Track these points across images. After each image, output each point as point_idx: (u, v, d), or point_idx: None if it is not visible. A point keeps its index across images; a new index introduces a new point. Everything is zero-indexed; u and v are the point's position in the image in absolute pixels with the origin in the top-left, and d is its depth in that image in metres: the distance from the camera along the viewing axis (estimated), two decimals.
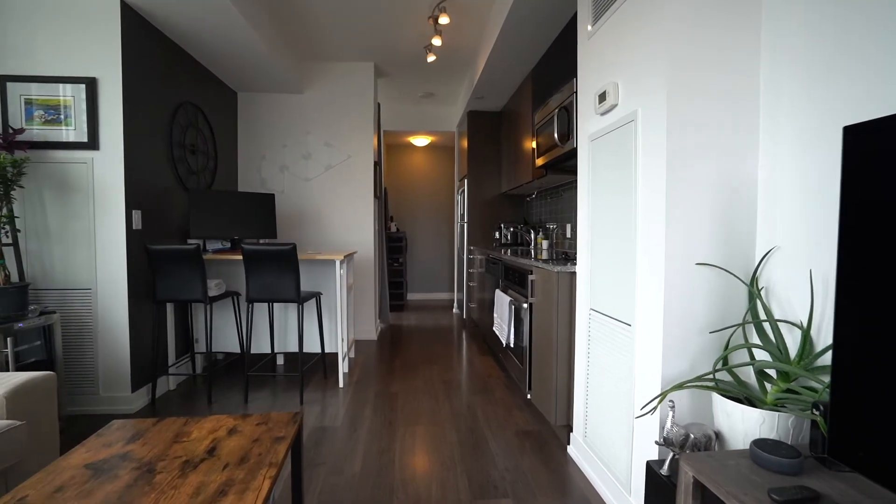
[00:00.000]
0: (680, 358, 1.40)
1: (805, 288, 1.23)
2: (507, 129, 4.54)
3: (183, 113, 3.16)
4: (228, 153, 3.99)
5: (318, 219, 4.30)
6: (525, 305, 2.51)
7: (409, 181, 6.86)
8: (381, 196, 4.89)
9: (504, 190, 4.74)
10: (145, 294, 2.68)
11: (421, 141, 6.31)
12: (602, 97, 1.75)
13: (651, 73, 1.44)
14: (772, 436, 1.10)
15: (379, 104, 4.83)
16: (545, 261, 2.36)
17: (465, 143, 5.12)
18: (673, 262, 1.38)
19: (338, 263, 2.99)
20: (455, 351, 3.98)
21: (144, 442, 1.24)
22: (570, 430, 2.20)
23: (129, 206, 2.54)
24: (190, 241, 3.18)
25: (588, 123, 1.96)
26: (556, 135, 2.65)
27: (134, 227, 2.58)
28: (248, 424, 1.36)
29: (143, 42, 2.67)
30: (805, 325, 1.21)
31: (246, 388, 2.74)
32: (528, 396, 2.56)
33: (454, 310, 5.92)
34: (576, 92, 2.45)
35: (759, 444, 1.02)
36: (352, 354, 3.79)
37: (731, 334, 1.37)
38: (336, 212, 4.30)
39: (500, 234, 4.81)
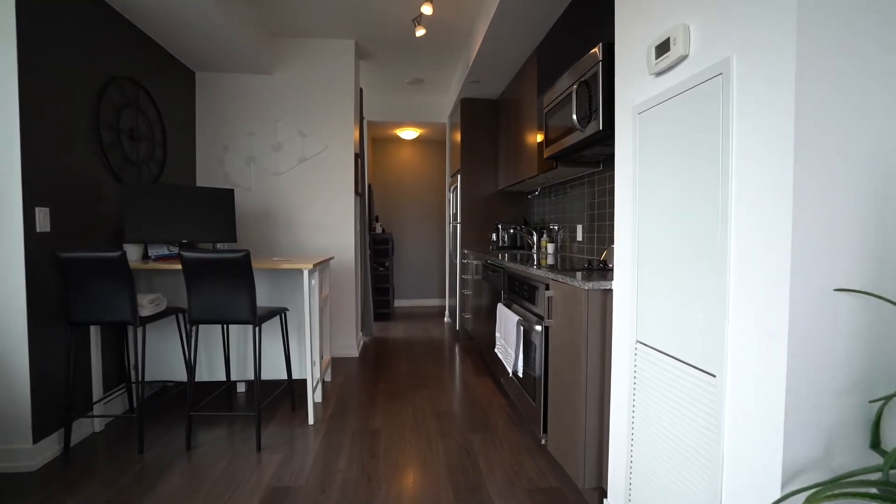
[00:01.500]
0: (809, 434, 0.90)
1: None
2: (506, 118, 4.04)
3: (116, 90, 2.59)
4: (184, 142, 3.42)
5: (291, 219, 3.74)
6: (538, 328, 2.00)
7: (397, 178, 6.32)
8: (364, 193, 4.35)
9: (502, 187, 4.23)
10: (56, 315, 2.11)
11: (409, 134, 5.78)
12: (661, 49, 1.24)
13: None
14: None
15: (361, 90, 4.29)
16: (564, 272, 1.86)
17: (457, 136, 4.60)
18: (800, 285, 0.88)
19: (306, 274, 2.45)
20: (448, 371, 3.46)
21: None
22: (604, 495, 1.69)
23: (31, 202, 1.97)
24: (126, 245, 2.62)
25: (632, 91, 1.45)
26: (574, 116, 2.15)
27: (39, 230, 2.01)
28: None
29: None
30: None
31: (188, 431, 2.19)
32: (543, 442, 2.06)
33: (446, 318, 5.41)
34: (601, 61, 1.96)
35: None
36: (328, 377, 3.24)
37: (888, 401, 0.88)
38: (311, 211, 3.76)
39: (498, 236, 4.30)
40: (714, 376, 1.07)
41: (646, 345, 1.37)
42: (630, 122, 1.47)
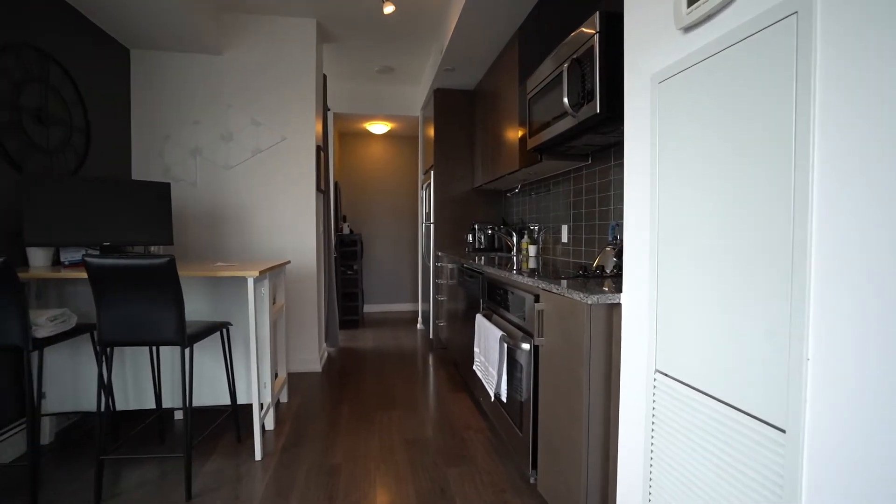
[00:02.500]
0: None
1: None
2: (483, 110, 3.74)
3: (13, 58, 2.13)
4: (115, 129, 2.96)
5: (243, 219, 3.33)
6: (526, 347, 1.69)
7: (366, 175, 5.93)
8: (328, 191, 3.96)
9: (479, 184, 3.93)
10: None
11: (379, 128, 5.41)
12: None
13: None
14: None
15: (325, 77, 3.91)
16: (556, 280, 1.55)
17: (430, 130, 4.27)
18: None
19: (250, 283, 2.06)
20: (420, 386, 3.12)
21: None
22: None
23: None
24: (31, 249, 2.17)
25: (649, 55, 1.16)
26: (565, 100, 1.86)
27: None
28: None
29: None
30: None
31: (98, 478, 1.77)
32: (532, 480, 1.75)
33: (418, 325, 5.06)
34: (599, 32, 1.66)
35: None
36: (284, 398, 2.85)
37: None
38: (267, 210, 3.35)
39: (474, 238, 4.00)
40: (783, 432, 0.78)
41: (670, 377, 1.07)
42: (646, 95, 1.17)
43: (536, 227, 3.40)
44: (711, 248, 0.94)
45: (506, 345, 1.86)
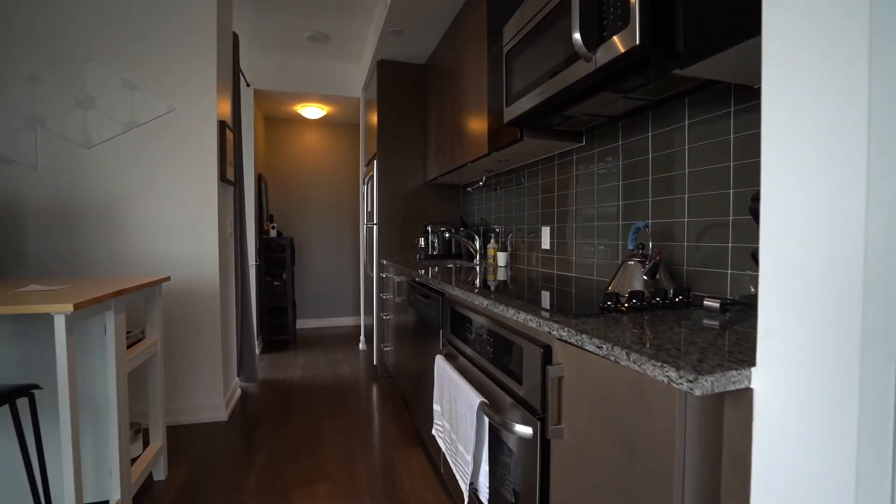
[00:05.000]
0: None
1: None
2: (440, 86, 3.05)
3: None
4: None
5: (112, 217, 2.42)
6: (526, 433, 1.01)
7: (299, 169, 5.06)
8: (241, 183, 3.10)
9: (432, 177, 3.24)
10: None
11: (313, 112, 4.58)
12: None
13: None
14: None
15: (237, 37, 3.05)
16: (587, 317, 0.90)
17: (374, 115, 3.52)
18: None
19: (60, 322, 1.23)
20: (359, 438, 2.37)
21: None
22: None
23: None
24: None
25: None
26: (576, 34, 1.20)
27: None
28: None
29: None
30: None
31: None
32: None
33: (361, 345, 4.28)
34: None
35: None
36: (161, 473, 1.99)
37: None
38: (149, 205, 2.46)
39: (427, 242, 3.30)
40: None
41: None
42: None
43: (502, 230, 2.76)
44: None
45: (488, 420, 1.17)
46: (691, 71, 1.08)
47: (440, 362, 1.55)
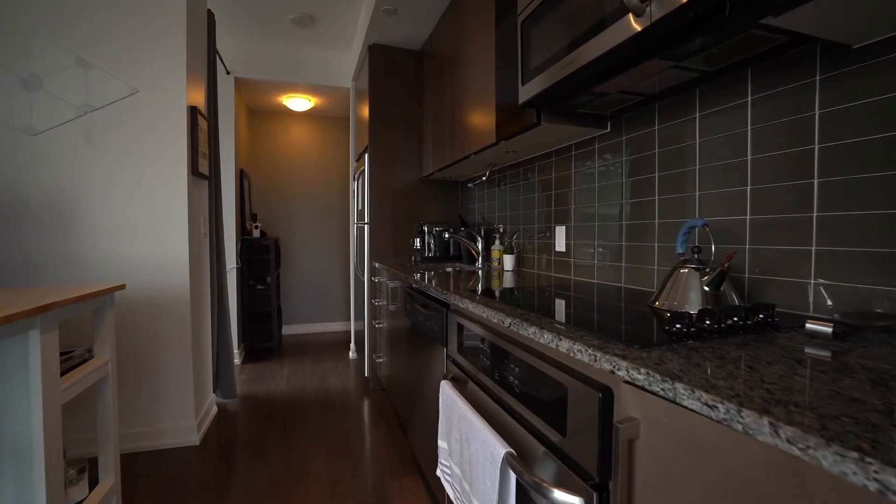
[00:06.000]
0: None
1: None
2: (438, 72, 2.78)
3: None
4: None
5: (62, 215, 2.11)
6: (573, 502, 0.74)
7: (285, 165, 4.75)
8: (217, 178, 2.79)
9: (429, 172, 2.96)
10: None
11: (300, 103, 4.27)
12: None
13: None
14: None
15: (212, 15, 2.74)
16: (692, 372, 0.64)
17: (365, 107, 3.24)
18: None
19: None
20: (348, 465, 2.08)
21: None
22: None
23: None
24: None
25: None
26: None
27: None
28: None
29: None
30: None
31: None
32: None
33: (350, 353, 3.99)
34: None
35: None
36: None
37: None
38: (107, 201, 2.16)
39: (423, 243, 3.03)
40: None
41: None
42: None
43: (506, 229, 2.50)
44: None
45: (515, 478, 0.90)
46: (785, 20, 0.82)
47: (447, 391, 1.27)
